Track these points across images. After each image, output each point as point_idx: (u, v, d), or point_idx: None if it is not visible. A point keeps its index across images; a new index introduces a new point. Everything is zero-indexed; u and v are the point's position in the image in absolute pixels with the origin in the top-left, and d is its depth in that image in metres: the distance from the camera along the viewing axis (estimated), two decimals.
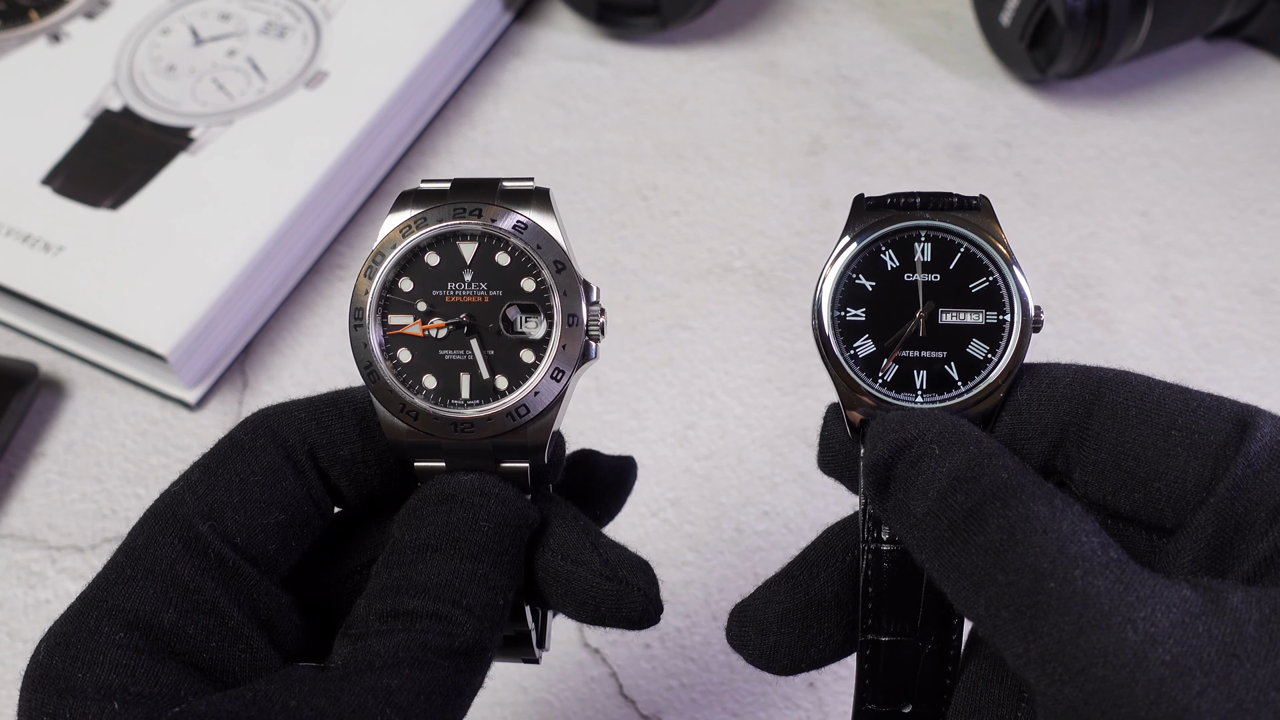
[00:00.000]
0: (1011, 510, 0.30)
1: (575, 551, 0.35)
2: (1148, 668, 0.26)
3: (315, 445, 0.36)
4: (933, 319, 0.36)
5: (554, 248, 0.36)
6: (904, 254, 0.36)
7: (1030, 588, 0.29)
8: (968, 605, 0.30)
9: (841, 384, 0.36)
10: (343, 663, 0.32)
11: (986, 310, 0.36)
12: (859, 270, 0.36)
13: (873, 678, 0.36)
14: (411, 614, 0.32)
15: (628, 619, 0.35)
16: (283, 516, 0.35)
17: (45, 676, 0.31)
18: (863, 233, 0.36)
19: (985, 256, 0.36)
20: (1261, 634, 0.27)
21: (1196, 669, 0.26)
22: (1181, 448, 0.32)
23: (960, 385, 0.36)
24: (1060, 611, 0.28)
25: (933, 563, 0.31)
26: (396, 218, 0.37)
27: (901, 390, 0.36)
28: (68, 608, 0.32)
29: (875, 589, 0.35)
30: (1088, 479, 0.34)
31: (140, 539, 0.33)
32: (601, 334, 0.37)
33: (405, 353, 0.37)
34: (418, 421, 0.36)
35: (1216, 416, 0.33)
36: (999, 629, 0.29)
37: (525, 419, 0.36)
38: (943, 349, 0.36)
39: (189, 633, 0.32)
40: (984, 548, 0.30)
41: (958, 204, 0.37)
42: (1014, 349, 0.35)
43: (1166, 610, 0.27)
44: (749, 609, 0.37)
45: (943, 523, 0.31)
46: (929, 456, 0.32)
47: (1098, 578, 0.28)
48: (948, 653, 0.36)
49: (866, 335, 0.36)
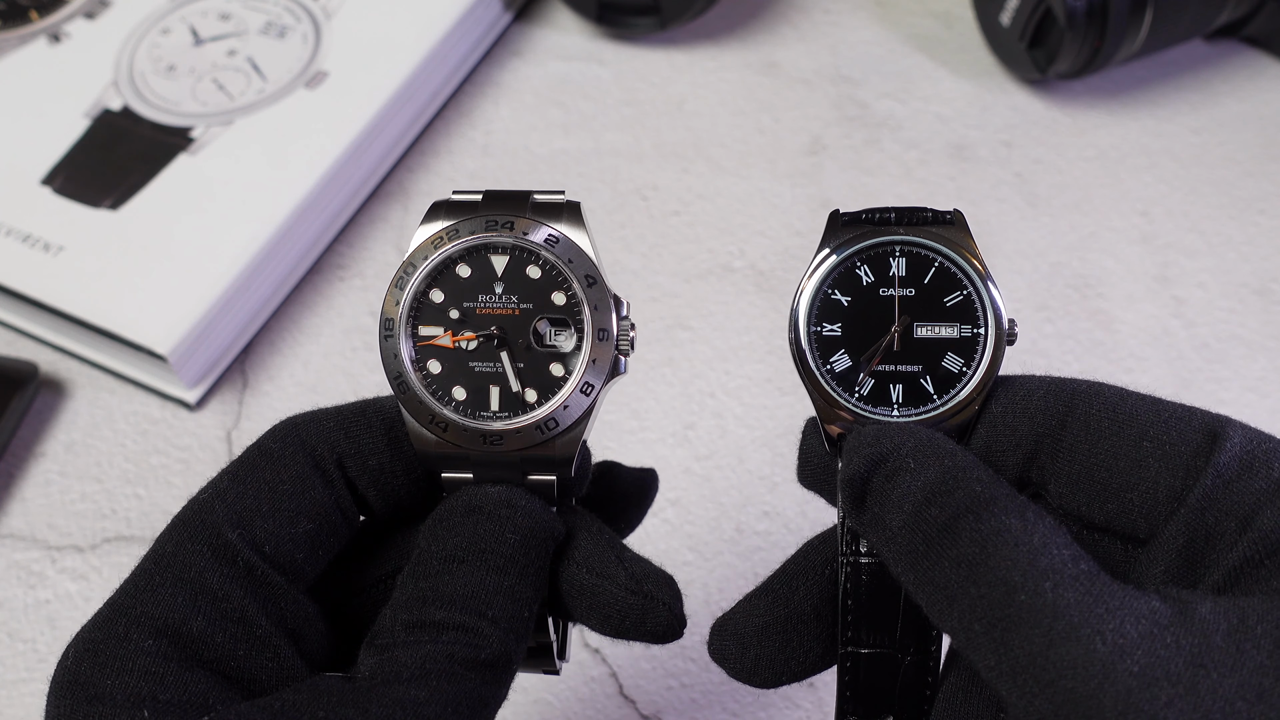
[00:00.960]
0: (984, 524, 0.30)
1: (600, 565, 0.35)
2: (1116, 679, 0.27)
3: (344, 455, 0.36)
4: (908, 333, 0.36)
5: (585, 261, 0.36)
6: (879, 269, 0.37)
7: (1002, 600, 0.29)
8: (942, 618, 0.31)
9: (818, 399, 0.36)
10: (369, 673, 0.32)
11: (961, 324, 0.36)
12: (834, 286, 0.37)
13: (853, 689, 0.36)
14: (438, 625, 0.32)
15: (652, 633, 0.35)
16: (310, 526, 0.35)
17: (74, 683, 0.31)
18: (838, 248, 0.37)
19: (959, 271, 0.36)
20: (1229, 644, 0.27)
21: (1164, 680, 0.26)
22: (1153, 459, 0.33)
23: (936, 399, 0.36)
24: (1030, 624, 0.28)
25: (908, 576, 0.32)
26: (428, 229, 0.37)
27: (878, 404, 0.36)
28: (95, 613, 0.32)
29: (854, 601, 0.35)
30: (1062, 490, 0.34)
31: (169, 546, 0.33)
32: (631, 348, 0.37)
33: (435, 364, 0.37)
34: (446, 433, 0.36)
35: (1187, 427, 0.33)
36: (972, 641, 0.29)
37: (554, 432, 0.36)
38: (918, 363, 0.36)
39: (217, 640, 0.32)
40: (957, 561, 0.30)
41: (932, 219, 0.37)
42: (988, 362, 0.36)
43: (1135, 621, 0.27)
44: (729, 623, 0.37)
45: (917, 536, 0.31)
46: (904, 470, 0.32)
47: (1068, 590, 0.28)
48: (927, 664, 0.36)
49: (842, 350, 0.36)
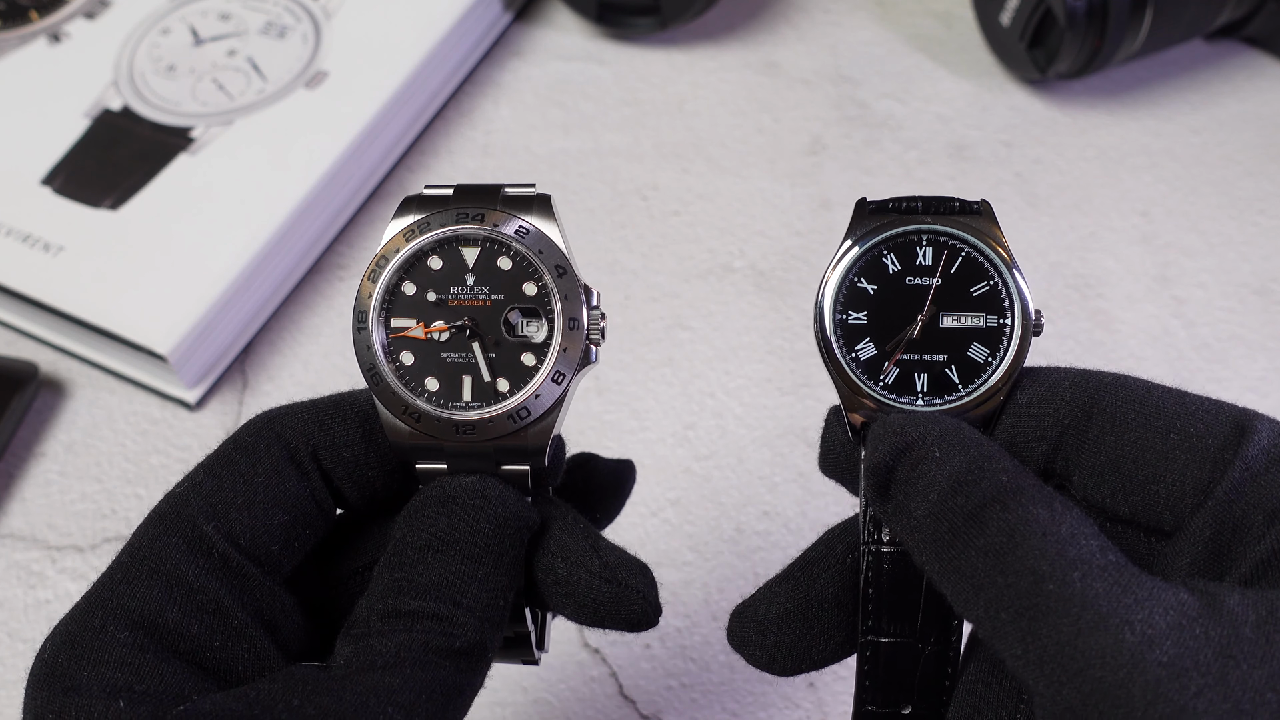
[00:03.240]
0: (1011, 513, 0.30)
1: (575, 554, 0.36)
2: (1145, 669, 0.27)
3: (318, 447, 0.36)
4: (934, 322, 0.36)
5: (555, 252, 0.36)
6: (906, 258, 0.36)
7: (1029, 590, 0.29)
8: (967, 607, 0.31)
9: (843, 387, 0.36)
10: (345, 662, 0.32)
11: (987, 314, 0.36)
12: (861, 274, 0.37)
13: (873, 679, 0.36)
14: (413, 614, 0.33)
15: (627, 621, 0.35)
16: (286, 517, 0.35)
17: (51, 675, 0.31)
18: (864, 236, 0.37)
19: (986, 260, 0.36)
20: (1258, 635, 0.27)
21: (1193, 670, 0.26)
22: (1180, 451, 0.33)
23: (961, 388, 0.36)
24: (1059, 613, 0.28)
25: (933, 565, 0.32)
26: (400, 222, 0.37)
27: (902, 393, 0.36)
28: (72, 607, 0.33)
29: (875, 590, 0.35)
30: (1087, 482, 0.34)
31: (145, 539, 0.34)
32: (602, 338, 0.37)
33: (408, 355, 0.37)
34: (420, 423, 0.36)
35: (1214, 420, 0.33)
36: (998, 631, 0.29)
37: (526, 421, 0.36)
38: (944, 352, 0.36)
39: (193, 632, 0.32)
40: (984, 550, 0.30)
41: (959, 208, 0.37)
42: (1014, 353, 0.36)
43: (1164, 612, 0.27)
44: (750, 609, 0.37)
45: (943, 525, 0.31)
46: (929, 459, 0.32)
47: (1096, 580, 0.28)
48: (947, 654, 0.36)
49: (868, 338, 0.36)
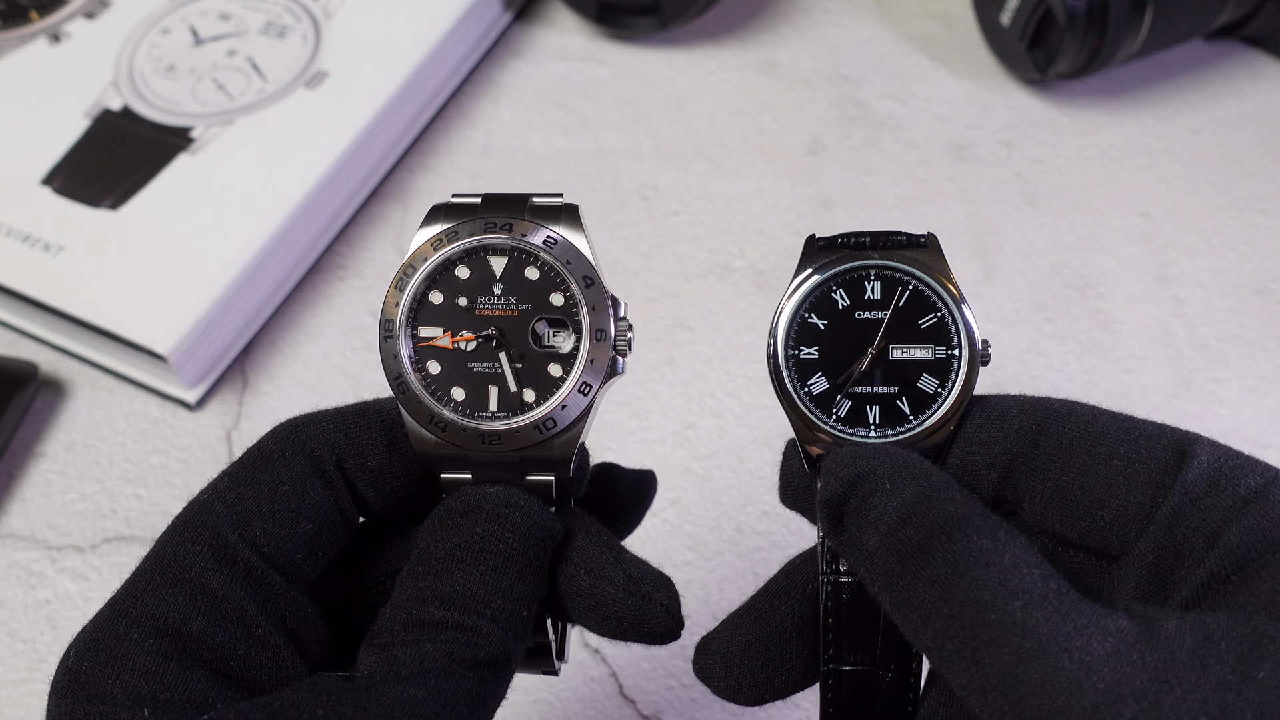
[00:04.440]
0: (956, 544, 0.30)
1: (598, 566, 0.36)
2: (1082, 695, 0.27)
3: (343, 456, 0.36)
4: (884, 355, 0.37)
5: (583, 263, 0.36)
6: (854, 292, 0.37)
7: (973, 620, 0.29)
8: (917, 637, 0.31)
9: (797, 421, 0.37)
10: (368, 672, 0.32)
11: (936, 345, 0.37)
12: (811, 309, 0.37)
13: (835, 706, 0.36)
14: (436, 624, 0.32)
15: (649, 634, 0.35)
16: (310, 526, 0.35)
17: (75, 682, 0.31)
18: (814, 272, 0.37)
19: (933, 293, 0.37)
20: (1193, 660, 0.27)
21: (1129, 696, 0.27)
22: (1123, 476, 0.33)
23: (912, 419, 0.36)
24: (1000, 642, 0.28)
25: (884, 595, 0.32)
26: (427, 231, 0.37)
27: (855, 425, 0.37)
28: (96, 614, 0.32)
29: (835, 620, 0.36)
30: (1036, 508, 0.34)
31: (169, 547, 0.33)
32: (629, 349, 0.37)
33: (434, 365, 0.37)
34: (445, 433, 0.36)
35: (1156, 445, 0.33)
36: (945, 660, 0.30)
37: (552, 432, 0.36)
38: (894, 384, 0.37)
39: (217, 640, 0.32)
40: (930, 581, 0.30)
41: (906, 242, 0.37)
42: (962, 382, 0.36)
43: (1102, 639, 0.28)
44: (713, 642, 0.37)
45: (893, 557, 0.31)
46: (880, 491, 0.32)
47: (1037, 609, 0.29)
48: (908, 681, 0.36)
49: (820, 373, 0.37)
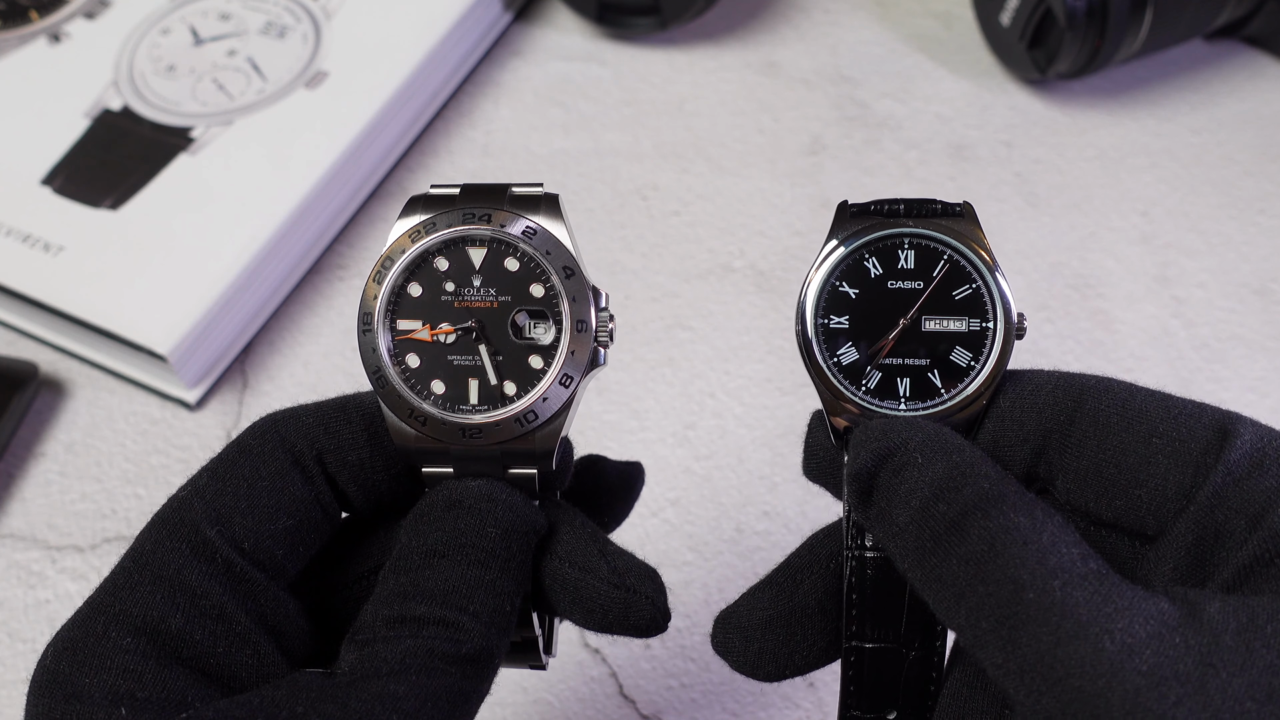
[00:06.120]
0: (992, 521, 0.30)
1: (583, 559, 0.35)
2: (1124, 678, 0.26)
3: (323, 451, 0.36)
4: (916, 326, 0.36)
5: (563, 253, 0.36)
6: (888, 261, 0.36)
7: (1010, 599, 0.29)
8: (949, 615, 0.30)
9: (825, 391, 0.36)
10: (350, 669, 0.32)
11: (970, 317, 0.36)
12: (842, 278, 0.36)
13: (857, 684, 0.36)
14: (419, 620, 0.32)
15: (635, 627, 0.35)
16: (290, 522, 0.35)
17: (53, 682, 0.31)
18: (846, 240, 0.36)
19: (968, 264, 0.36)
20: (1238, 644, 0.27)
21: (1173, 679, 0.26)
22: (1162, 455, 0.32)
23: (943, 392, 0.35)
24: (1039, 622, 0.28)
25: (914, 572, 0.31)
26: (405, 223, 0.37)
27: (885, 397, 0.36)
28: (75, 613, 0.32)
29: (859, 596, 0.35)
30: (1070, 486, 0.34)
31: (148, 544, 0.33)
32: (610, 340, 0.36)
33: (414, 358, 0.36)
34: (426, 427, 0.36)
35: (1197, 424, 0.32)
36: (979, 639, 0.29)
37: (533, 425, 0.36)
38: (926, 356, 0.36)
39: (196, 638, 0.32)
40: (965, 558, 0.30)
41: (941, 211, 0.36)
42: (997, 356, 0.35)
43: (1144, 621, 0.27)
44: (734, 615, 0.36)
45: (925, 532, 0.31)
46: (911, 465, 0.32)
47: (1076, 589, 0.28)
48: (931, 660, 0.36)
49: (850, 343, 0.36)
